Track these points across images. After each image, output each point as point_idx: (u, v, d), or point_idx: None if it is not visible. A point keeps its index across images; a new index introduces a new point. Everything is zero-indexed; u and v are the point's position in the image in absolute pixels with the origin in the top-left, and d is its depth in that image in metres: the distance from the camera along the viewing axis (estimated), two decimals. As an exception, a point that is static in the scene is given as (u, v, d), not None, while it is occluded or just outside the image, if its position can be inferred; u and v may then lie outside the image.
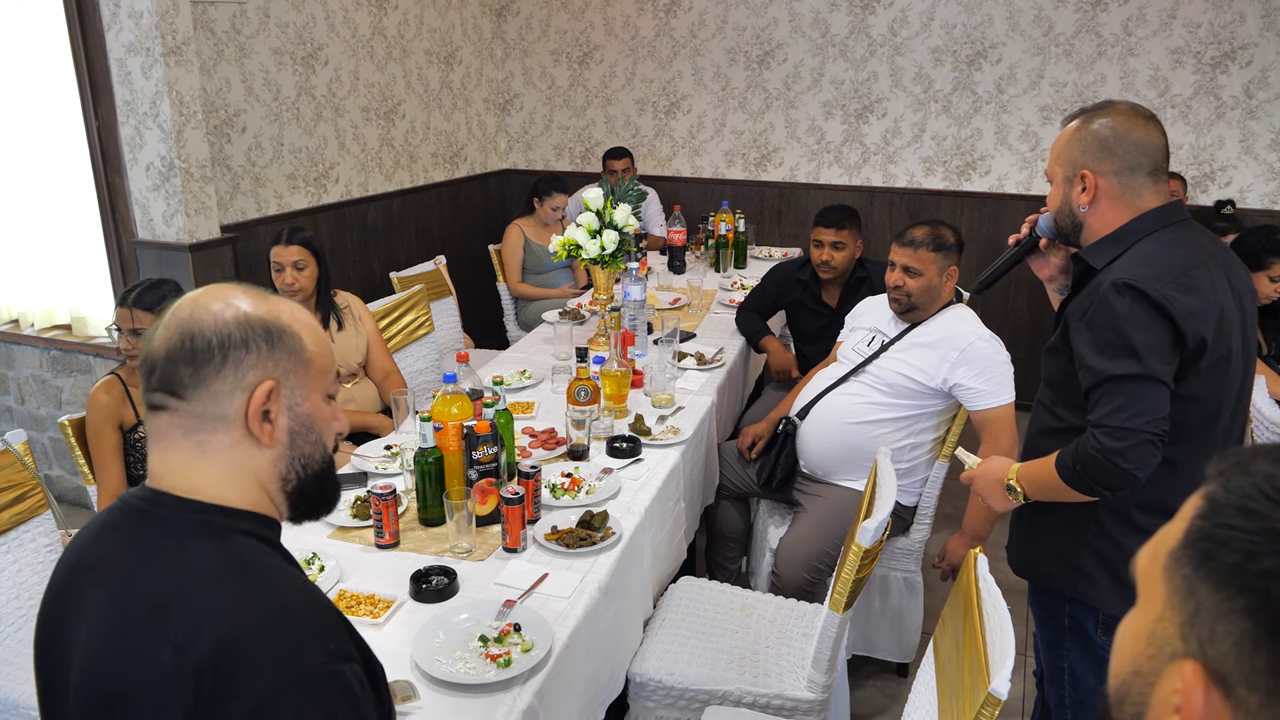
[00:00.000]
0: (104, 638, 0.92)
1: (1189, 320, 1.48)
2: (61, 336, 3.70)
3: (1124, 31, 4.29)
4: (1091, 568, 1.65)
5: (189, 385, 0.95)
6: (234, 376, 0.96)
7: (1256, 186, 4.25)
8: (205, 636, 0.87)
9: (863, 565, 1.83)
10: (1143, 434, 1.49)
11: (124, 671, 0.89)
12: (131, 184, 3.31)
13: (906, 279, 2.54)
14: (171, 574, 0.92)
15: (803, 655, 2.08)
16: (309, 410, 1.02)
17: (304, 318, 1.03)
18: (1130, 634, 0.57)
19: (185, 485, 0.96)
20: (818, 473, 2.68)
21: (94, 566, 0.97)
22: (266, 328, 0.98)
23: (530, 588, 1.77)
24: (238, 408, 0.96)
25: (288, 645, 0.89)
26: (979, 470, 1.82)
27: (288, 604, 0.92)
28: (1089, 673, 1.72)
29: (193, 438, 0.96)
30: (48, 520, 2.27)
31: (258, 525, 0.99)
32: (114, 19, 3.11)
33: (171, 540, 0.94)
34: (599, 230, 3.06)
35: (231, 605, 0.89)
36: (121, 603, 0.92)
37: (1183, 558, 0.52)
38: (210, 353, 0.95)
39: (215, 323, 0.96)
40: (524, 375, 2.93)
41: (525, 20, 5.30)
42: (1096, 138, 1.60)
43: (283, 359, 0.98)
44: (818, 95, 4.86)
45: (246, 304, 0.99)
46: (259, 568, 0.95)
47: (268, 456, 0.99)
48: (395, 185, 4.54)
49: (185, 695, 0.85)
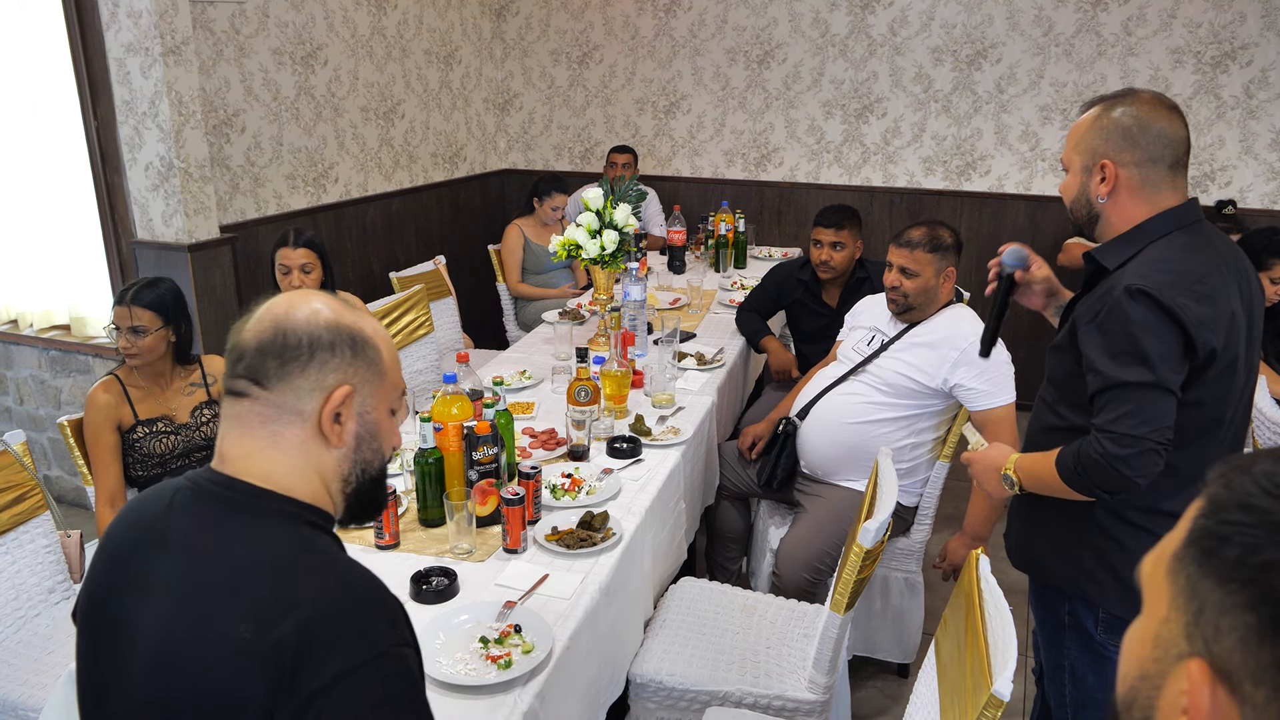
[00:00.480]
0: (180, 611, 0.96)
1: (1200, 330, 1.46)
2: (60, 337, 3.69)
3: (1124, 31, 4.29)
4: (1092, 566, 1.65)
5: (274, 377, 1.01)
6: (316, 376, 1.02)
7: (1257, 186, 4.25)
8: (286, 615, 0.92)
9: (864, 566, 1.83)
10: (1148, 442, 1.48)
11: (202, 644, 0.93)
12: (130, 184, 3.30)
13: (903, 280, 2.53)
14: (250, 553, 0.98)
15: (804, 656, 2.08)
16: (376, 419, 1.08)
17: (385, 334, 1.10)
18: (1136, 639, 0.57)
19: (257, 472, 1.01)
20: (818, 473, 2.68)
21: (163, 540, 1.01)
22: (353, 336, 1.04)
23: (531, 589, 1.77)
24: (314, 406, 1.02)
25: (362, 627, 0.95)
26: (979, 455, 1.80)
27: (359, 590, 0.98)
28: (1089, 671, 1.71)
29: (270, 426, 1.02)
30: (46, 521, 2.27)
31: (320, 519, 1.05)
32: (113, 19, 3.11)
33: (247, 522, 1.00)
34: (599, 230, 3.05)
35: (309, 587, 0.95)
36: (198, 578, 0.97)
37: (1186, 557, 0.52)
38: (299, 350, 1.01)
39: (308, 323, 1.02)
40: (524, 375, 2.93)
41: (525, 20, 5.29)
42: (1119, 126, 1.54)
43: (362, 368, 1.05)
44: (817, 95, 4.86)
45: (338, 312, 1.05)
46: (330, 555, 1.02)
47: (334, 456, 1.05)
48: (395, 185, 4.54)
49: (264, 669, 0.90)
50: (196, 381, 2.47)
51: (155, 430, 2.37)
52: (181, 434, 2.41)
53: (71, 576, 2.34)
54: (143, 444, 2.35)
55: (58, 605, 2.28)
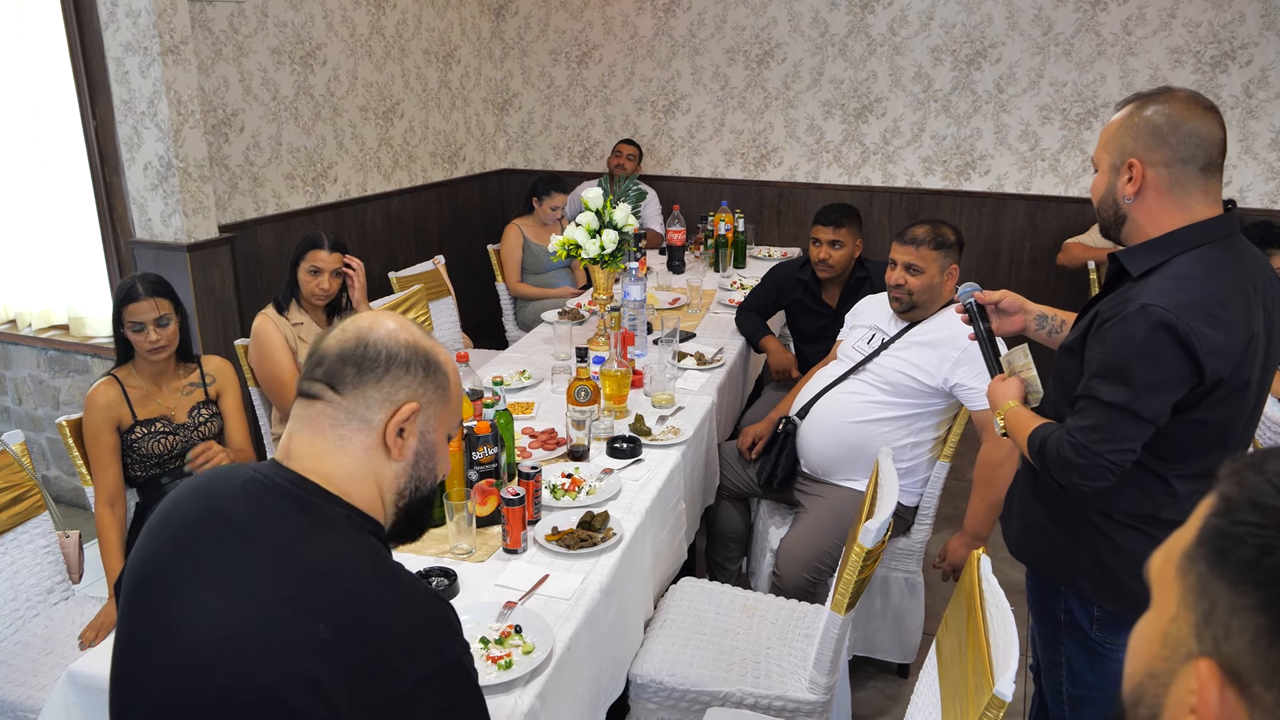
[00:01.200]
0: (250, 601, 0.98)
1: (1212, 358, 1.44)
2: (59, 337, 3.69)
3: (1124, 31, 4.28)
4: (1087, 564, 1.65)
5: (349, 384, 1.06)
6: (389, 389, 1.07)
7: (1257, 186, 4.25)
8: (364, 621, 0.97)
9: (865, 566, 1.82)
10: (1103, 460, 1.50)
11: (273, 636, 0.96)
12: (129, 183, 3.30)
13: (908, 277, 2.53)
14: (327, 557, 1.01)
15: (804, 656, 2.07)
16: (435, 440, 1.14)
17: (454, 364, 1.16)
18: (1144, 636, 0.56)
19: (322, 472, 1.06)
20: (818, 472, 2.67)
21: (230, 525, 1.04)
22: (428, 359, 1.11)
23: (531, 589, 1.76)
24: (382, 417, 1.07)
25: (434, 637, 1.01)
26: (994, 385, 1.78)
27: (429, 602, 1.04)
28: (1086, 668, 1.72)
29: (338, 430, 1.07)
30: (45, 521, 2.26)
31: (377, 529, 1.10)
32: (111, 18, 3.10)
33: (320, 525, 1.03)
34: (598, 230, 3.05)
35: (385, 596, 1.00)
36: (273, 571, 1.00)
37: (1196, 556, 0.52)
38: (377, 362, 1.07)
39: (389, 339, 1.08)
40: (523, 375, 2.93)
41: (524, 20, 5.29)
42: (1149, 125, 1.49)
43: (430, 390, 1.11)
44: (817, 95, 4.86)
45: (416, 336, 1.12)
46: (397, 568, 1.06)
47: (393, 469, 1.10)
48: (394, 185, 4.53)
49: (340, 669, 0.93)
50: (195, 381, 2.47)
51: (154, 430, 2.37)
52: (180, 434, 2.40)
53: (70, 577, 2.33)
54: (141, 444, 2.35)
55: (56, 606, 2.28)
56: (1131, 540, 1.60)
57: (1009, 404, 1.72)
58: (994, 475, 2.43)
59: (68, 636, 2.17)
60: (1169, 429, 1.51)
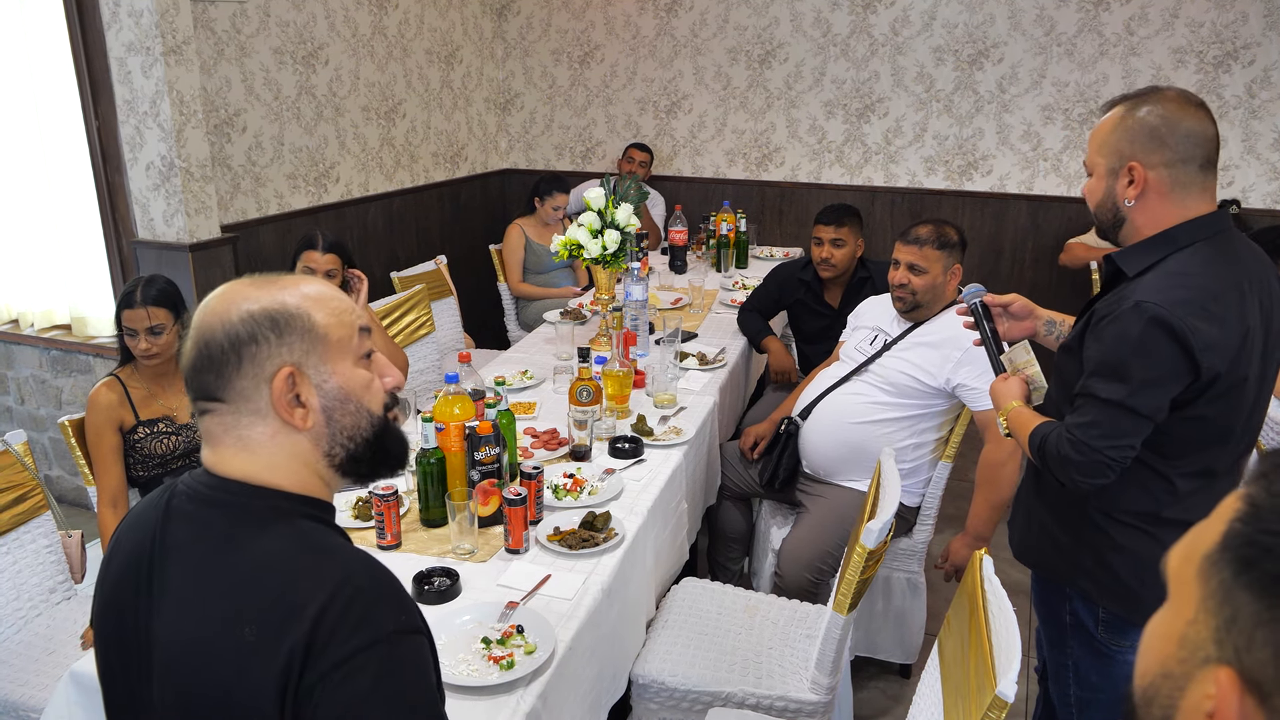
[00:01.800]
0: (186, 617, 0.97)
1: (1207, 353, 1.44)
2: (61, 336, 3.69)
3: (1126, 31, 4.28)
4: (1090, 565, 1.65)
5: (218, 389, 1.00)
6: (253, 371, 0.98)
7: (1259, 186, 4.24)
8: (291, 618, 0.92)
9: (867, 566, 1.82)
10: (1102, 457, 1.50)
11: (209, 649, 0.94)
12: (131, 183, 3.30)
13: (911, 277, 2.53)
14: (250, 557, 0.97)
15: (806, 657, 2.07)
16: (339, 383, 1.02)
17: (313, 292, 1.04)
18: (1160, 635, 0.55)
19: (241, 473, 1.01)
20: (820, 473, 2.67)
21: (164, 546, 1.01)
22: (270, 317, 0.99)
23: (533, 589, 1.76)
24: (267, 400, 0.99)
25: (359, 615, 0.93)
26: (998, 383, 1.77)
27: (360, 580, 0.97)
28: (1093, 670, 1.72)
29: (234, 433, 1.00)
30: (48, 521, 2.27)
31: (314, 509, 1.03)
32: (114, 18, 3.10)
33: (243, 525, 0.99)
34: (601, 230, 3.05)
35: (312, 587, 0.94)
36: (200, 583, 0.97)
37: (1220, 561, 0.51)
38: (225, 355, 0.98)
39: (223, 325, 0.99)
40: (525, 375, 2.93)
41: (526, 20, 5.29)
42: (1146, 126, 1.49)
43: (294, 342, 1.00)
44: (819, 95, 4.85)
45: (250, 298, 1.01)
46: (328, 547, 1.00)
47: (308, 438, 1.02)
48: (396, 185, 4.53)
49: (271, 672, 0.90)
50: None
51: (156, 431, 2.37)
52: (182, 434, 2.40)
53: (73, 577, 2.33)
54: (144, 444, 2.35)
55: (58, 606, 2.28)
56: (1133, 540, 1.60)
57: (1012, 404, 1.72)
58: (996, 475, 2.43)
59: (70, 636, 2.17)
60: (1168, 426, 1.52)
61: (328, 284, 1.07)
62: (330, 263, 2.79)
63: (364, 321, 1.06)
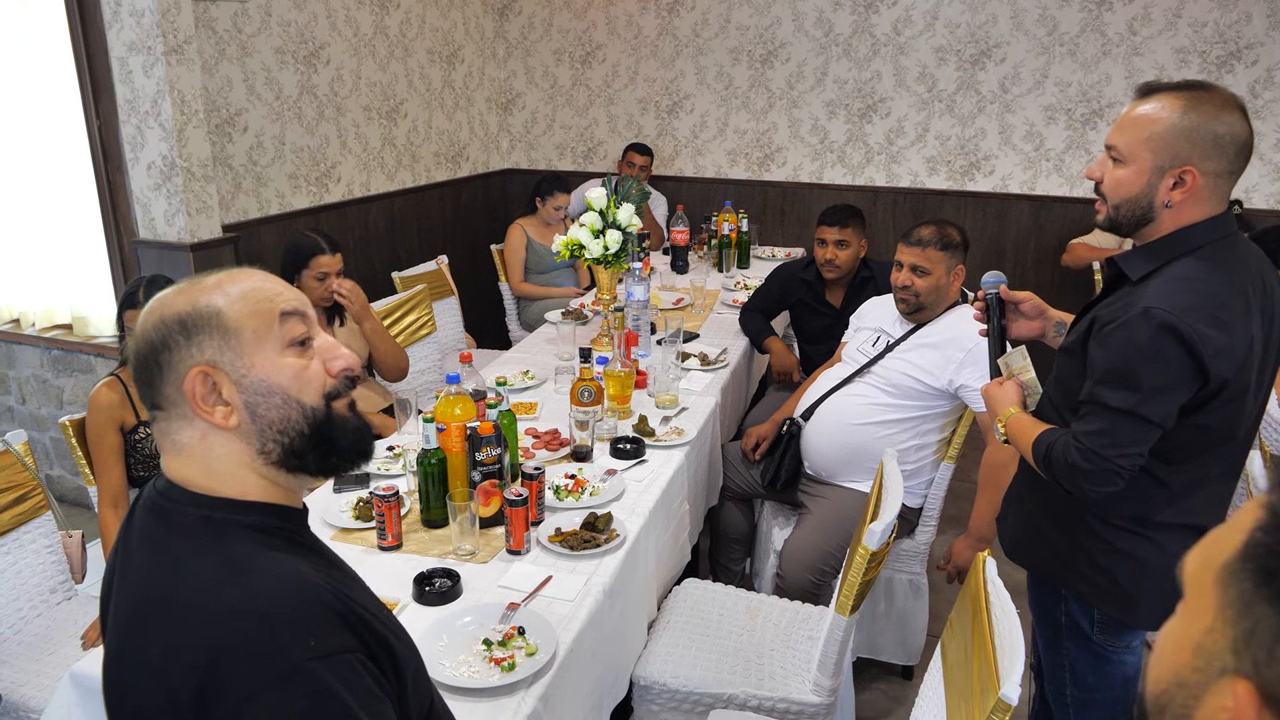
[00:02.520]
0: (115, 630, 0.97)
1: (1216, 360, 1.43)
2: (62, 336, 3.69)
3: (1129, 31, 4.27)
4: (1085, 567, 1.65)
5: (153, 398, 1.00)
6: (172, 377, 0.97)
7: (1262, 186, 4.23)
8: (189, 640, 0.89)
9: (869, 568, 1.82)
10: (1111, 464, 1.49)
11: (125, 665, 0.93)
12: (133, 183, 3.30)
13: (914, 278, 2.52)
14: (166, 574, 0.95)
15: (808, 658, 2.07)
16: (260, 375, 0.98)
17: (226, 284, 1.00)
18: (1175, 642, 0.54)
19: (182, 477, 1.00)
20: (822, 474, 2.67)
21: (129, 557, 1.01)
22: (180, 320, 0.97)
23: (534, 590, 1.76)
24: (187, 403, 0.97)
25: (265, 646, 0.88)
26: (992, 388, 1.76)
27: (266, 605, 0.91)
28: (1089, 671, 1.71)
29: (170, 439, 1.00)
30: (48, 521, 2.26)
31: (263, 516, 0.99)
32: (115, 17, 3.10)
33: (175, 537, 0.97)
34: (602, 230, 3.04)
35: (219, 608, 0.91)
36: (128, 597, 0.97)
37: (1241, 572, 0.50)
38: (148, 365, 0.98)
39: (142, 336, 0.99)
40: (527, 376, 2.92)
41: (527, 19, 5.28)
42: (1212, 134, 1.43)
43: (204, 341, 0.97)
44: (821, 95, 4.85)
45: (166, 304, 0.99)
46: (244, 568, 0.94)
47: (238, 437, 0.98)
48: (397, 185, 4.53)
49: (170, 694, 0.88)
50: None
51: (157, 430, 2.36)
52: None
53: (73, 577, 2.33)
54: (144, 445, 2.35)
55: (59, 605, 2.28)
56: (1128, 543, 1.60)
57: (1009, 410, 1.70)
58: (999, 476, 2.42)
59: (70, 636, 2.17)
60: (1171, 433, 1.50)
61: (253, 273, 1.03)
62: (339, 262, 2.80)
63: (290, 305, 1.01)
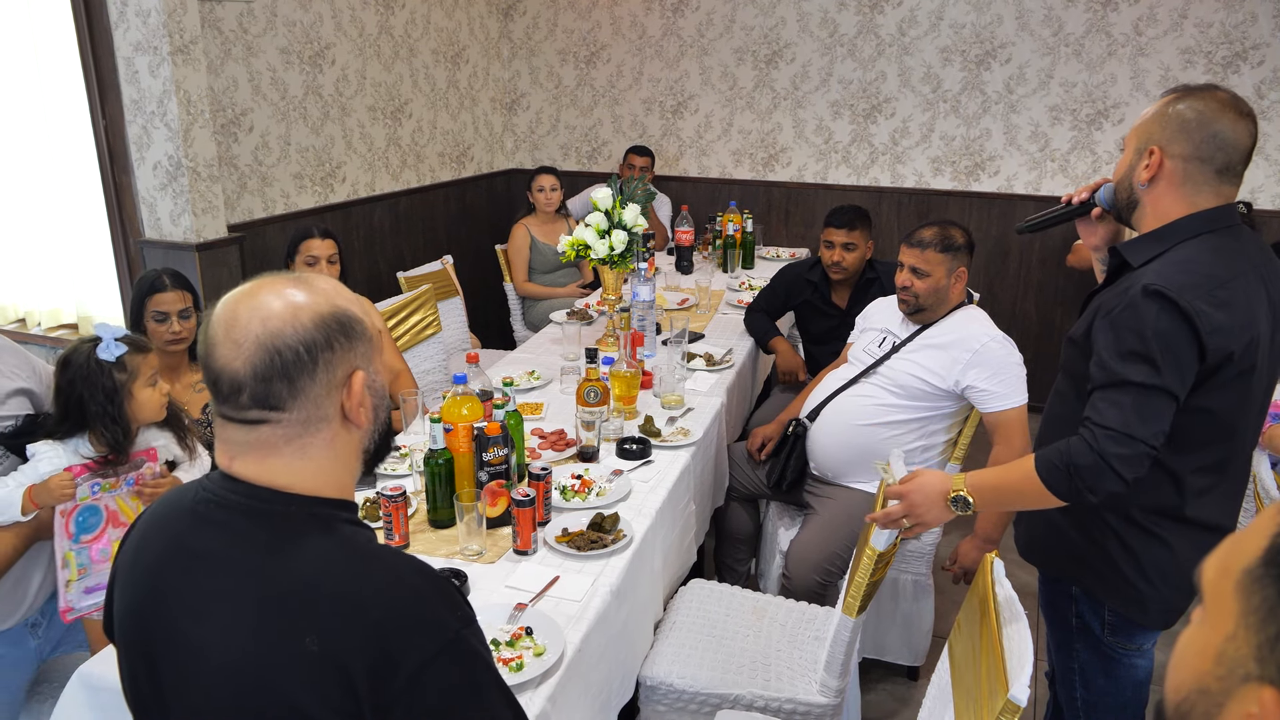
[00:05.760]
0: (239, 631, 0.94)
1: (1214, 336, 1.44)
2: (68, 335, 3.69)
3: (1134, 31, 4.26)
4: (1098, 564, 1.65)
5: (288, 398, 0.96)
6: (327, 379, 0.98)
7: (1268, 188, 4.23)
8: (351, 624, 0.91)
9: (876, 569, 1.81)
10: (1142, 444, 1.46)
11: (270, 660, 0.92)
12: (139, 183, 3.30)
13: (914, 280, 2.52)
14: (298, 567, 0.95)
15: (814, 659, 2.06)
16: (383, 382, 1.06)
17: (350, 294, 1.04)
18: (1196, 649, 0.54)
19: (281, 481, 0.98)
20: (828, 474, 2.66)
21: (196, 556, 0.98)
22: (339, 320, 0.98)
23: (541, 591, 1.76)
24: (336, 405, 0.99)
25: (425, 619, 0.94)
26: (910, 485, 1.70)
27: (414, 582, 0.97)
28: (1099, 673, 1.71)
29: (296, 443, 0.98)
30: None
31: (346, 511, 1.03)
32: (121, 18, 3.11)
33: (285, 535, 0.97)
34: (607, 231, 3.04)
35: (367, 591, 0.94)
36: (248, 595, 0.94)
37: (1265, 578, 0.49)
38: (301, 362, 0.95)
39: (296, 331, 0.95)
40: (532, 376, 2.92)
41: (532, 20, 5.28)
42: (1179, 117, 1.52)
43: (359, 345, 1.01)
44: (826, 95, 4.84)
45: (309, 301, 0.97)
46: (375, 552, 0.99)
47: (358, 436, 1.03)
48: (402, 185, 4.53)
49: (336, 680, 0.89)
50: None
51: (164, 428, 2.36)
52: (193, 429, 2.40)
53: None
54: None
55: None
56: (1141, 540, 1.60)
57: (958, 477, 1.65)
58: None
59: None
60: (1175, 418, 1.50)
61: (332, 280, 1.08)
62: (330, 248, 2.82)
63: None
